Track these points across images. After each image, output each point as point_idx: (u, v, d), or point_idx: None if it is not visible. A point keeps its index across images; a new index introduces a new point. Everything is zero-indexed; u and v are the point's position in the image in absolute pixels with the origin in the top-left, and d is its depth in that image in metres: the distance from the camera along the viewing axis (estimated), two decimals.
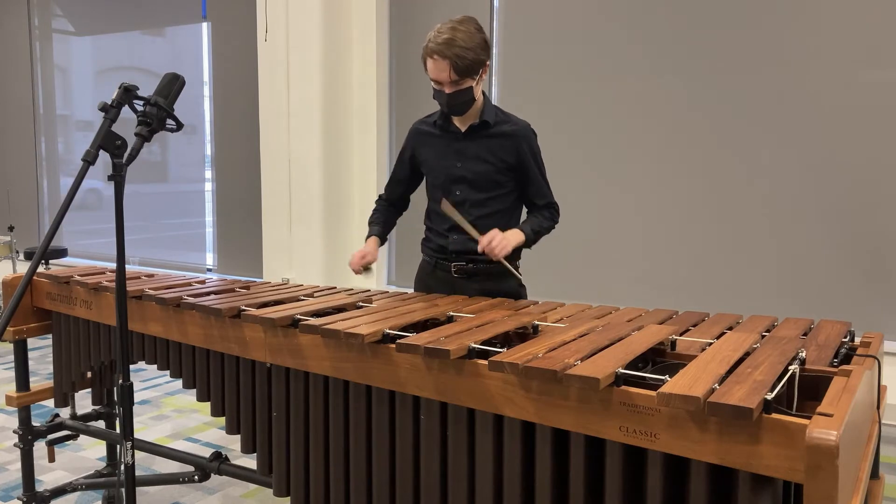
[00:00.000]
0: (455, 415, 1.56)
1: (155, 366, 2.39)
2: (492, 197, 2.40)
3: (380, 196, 2.68)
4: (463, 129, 2.40)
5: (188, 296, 2.15)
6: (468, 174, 2.39)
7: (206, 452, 2.63)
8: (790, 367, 1.38)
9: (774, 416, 1.17)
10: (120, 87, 1.71)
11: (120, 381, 1.73)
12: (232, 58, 5.94)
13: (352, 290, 2.41)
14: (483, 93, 2.38)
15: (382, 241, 2.60)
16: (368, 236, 2.57)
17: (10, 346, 4.76)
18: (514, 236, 2.32)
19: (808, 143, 3.98)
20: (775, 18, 4.00)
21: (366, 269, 2.48)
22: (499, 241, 2.25)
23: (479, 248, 2.26)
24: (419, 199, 2.61)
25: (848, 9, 3.83)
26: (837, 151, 3.92)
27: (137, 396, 4.31)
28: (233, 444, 3.56)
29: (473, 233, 2.31)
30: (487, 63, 2.29)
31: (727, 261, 4.24)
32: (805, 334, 1.77)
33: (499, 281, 2.42)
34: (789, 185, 4.04)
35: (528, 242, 2.37)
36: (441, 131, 2.44)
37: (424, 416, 1.61)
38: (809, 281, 4.04)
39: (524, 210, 2.52)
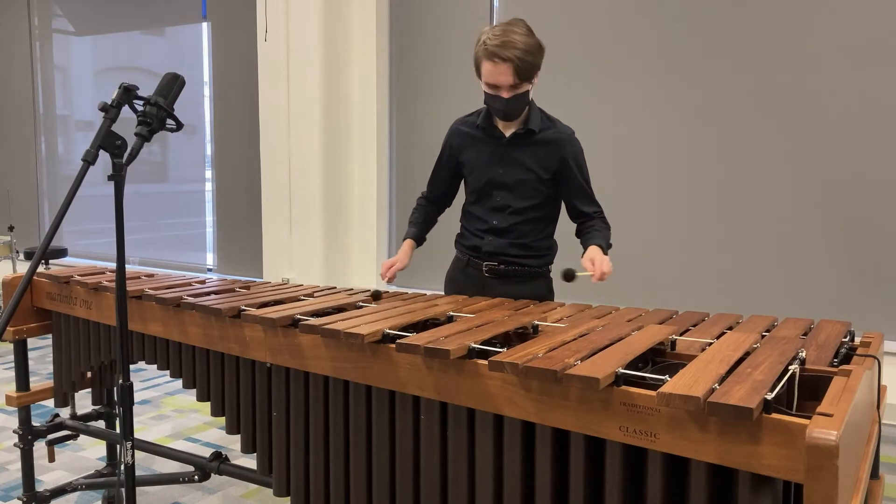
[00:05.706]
0: (455, 415, 1.56)
1: (155, 366, 2.39)
2: (532, 205, 2.35)
3: (421, 194, 2.60)
4: (507, 135, 2.32)
5: (188, 296, 2.15)
6: (510, 181, 2.33)
7: (206, 452, 2.62)
8: (790, 367, 1.38)
9: (774, 416, 1.17)
10: (120, 87, 1.71)
11: (120, 381, 1.74)
12: (232, 58, 5.94)
13: (352, 289, 2.41)
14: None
15: (419, 242, 2.55)
16: (405, 238, 2.52)
17: (10, 346, 4.76)
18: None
19: (809, 143, 3.98)
20: (781, 21, 4.00)
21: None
22: (608, 266, 2.14)
23: (595, 280, 2.14)
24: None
25: (851, 10, 3.83)
26: (837, 151, 3.92)
27: (137, 396, 4.31)
28: (233, 444, 3.56)
29: (584, 273, 2.23)
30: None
31: (727, 261, 4.24)
32: (805, 334, 1.77)
33: (529, 284, 2.39)
34: (789, 186, 4.04)
35: None
36: (484, 134, 2.36)
37: (424, 416, 1.61)
38: (809, 281, 4.04)
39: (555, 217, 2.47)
